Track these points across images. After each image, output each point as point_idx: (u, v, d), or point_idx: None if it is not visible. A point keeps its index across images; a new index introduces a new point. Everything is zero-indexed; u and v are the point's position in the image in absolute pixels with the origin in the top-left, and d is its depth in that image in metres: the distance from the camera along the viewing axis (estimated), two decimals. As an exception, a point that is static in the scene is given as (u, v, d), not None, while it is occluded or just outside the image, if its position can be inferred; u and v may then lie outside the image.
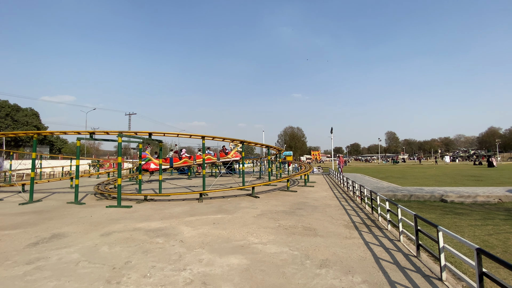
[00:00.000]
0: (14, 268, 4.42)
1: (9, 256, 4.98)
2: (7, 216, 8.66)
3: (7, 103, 44.35)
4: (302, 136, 76.55)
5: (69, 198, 12.19)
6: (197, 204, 10.51)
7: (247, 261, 4.61)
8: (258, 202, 10.72)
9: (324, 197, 12.13)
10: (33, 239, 6.06)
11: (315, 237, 5.97)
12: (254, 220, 7.64)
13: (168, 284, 3.82)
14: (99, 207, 10.17)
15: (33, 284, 3.85)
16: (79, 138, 11.54)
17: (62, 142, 53.88)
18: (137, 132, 12.38)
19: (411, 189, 15.44)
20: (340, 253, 5.01)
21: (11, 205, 10.81)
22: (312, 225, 7.07)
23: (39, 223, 7.62)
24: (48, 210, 9.65)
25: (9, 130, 40.97)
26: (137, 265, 4.50)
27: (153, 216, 8.45)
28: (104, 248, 5.40)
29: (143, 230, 6.71)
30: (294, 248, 5.27)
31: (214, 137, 13.65)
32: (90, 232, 6.57)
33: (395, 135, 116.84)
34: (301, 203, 10.42)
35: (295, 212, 8.76)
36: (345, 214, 8.41)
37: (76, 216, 8.48)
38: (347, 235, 6.17)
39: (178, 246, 5.48)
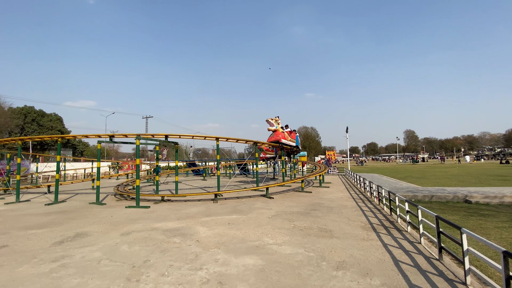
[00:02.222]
0: (41, 265, 4.67)
1: (36, 254, 5.27)
2: (34, 216, 9.16)
3: (33, 109, 46.97)
4: (316, 136, 75.47)
5: (91, 199, 12.71)
6: (212, 205, 10.63)
7: (262, 262, 4.62)
8: (273, 203, 10.69)
9: (340, 198, 11.92)
10: (58, 238, 6.37)
11: (331, 239, 5.88)
12: (268, 221, 7.63)
13: (185, 283, 3.90)
14: (119, 207, 10.53)
15: (58, 281, 4.04)
16: (99, 141, 12.02)
17: (84, 145, 56.27)
18: (154, 135, 12.73)
19: (432, 189, 14.84)
20: (357, 255, 4.90)
21: (38, 205, 11.42)
22: (328, 226, 6.96)
23: (63, 222, 8.01)
24: (72, 210, 10.11)
25: (35, 134, 43.36)
26: (155, 264, 4.63)
27: (170, 216, 8.65)
28: (124, 247, 5.59)
29: (161, 230, 6.88)
30: (309, 249, 5.22)
31: (228, 138, 13.77)
32: (111, 232, 6.82)
33: (414, 133, 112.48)
34: (316, 204, 10.29)
35: (310, 213, 8.66)
36: (362, 216, 8.21)
37: (97, 216, 8.83)
38: (364, 236, 6.03)
39: (195, 246, 5.57)
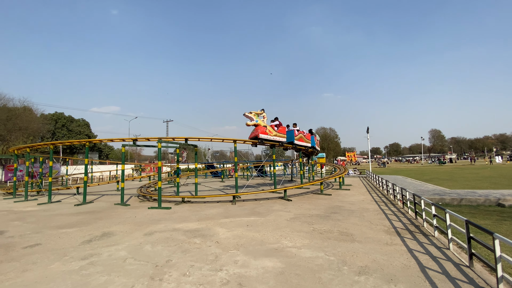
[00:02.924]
0: (71, 263, 4.94)
1: (67, 252, 5.59)
2: (65, 216, 9.72)
3: (63, 115, 50.08)
4: (335, 137, 73.90)
5: (116, 200, 13.29)
6: (230, 206, 10.73)
7: (281, 265, 4.59)
8: (291, 205, 10.60)
9: (361, 201, 11.57)
10: (87, 237, 6.72)
11: (353, 243, 5.72)
12: (287, 224, 7.58)
13: (206, 283, 3.96)
14: (142, 208, 10.93)
15: (87, 278, 4.26)
16: (123, 145, 12.56)
17: (109, 148, 59.00)
18: (174, 138, 13.10)
19: (461, 192, 14.01)
20: (380, 260, 4.74)
21: (68, 206, 12.11)
22: (349, 230, 6.79)
23: (91, 222, 8.43)
24: (99, 210, 10.62)
25: (65, 139, 46.15)
26: (177, 263, 4.75)
27: (190, 217, 8.84)
28: (147, 246, 5.78)
29: (182, 231, 7.05)
30: (330, 253, 5.11)
31: (245, 140, 13.86)
32: (135, 232, 7.09)
33: (440, 133, 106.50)
34: (336, 207, 10.07)
35: (330, 216, 8.49)
36: (385, 219, 7.92)
37: (122, 217, 9.21)
38: (387, 241, 5.81)
39: (214, 247, 5.65)
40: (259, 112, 13.89)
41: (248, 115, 13.45)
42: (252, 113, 13.64)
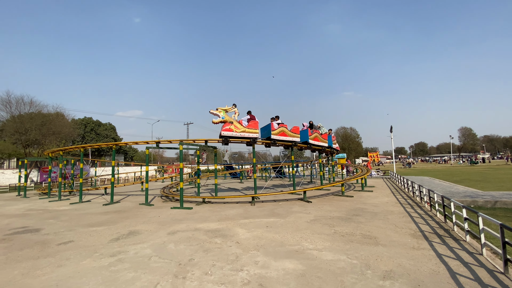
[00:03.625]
0: (101, 259, 5.23)
1: (97, 249, 5.92)
2: (95, 215, 10.29)
3: (91, 119, 53.13)
4: (357, 137, 71.78)
5: (140, 200, 13.86)
6: (249, 207, 10.79)
7: (302, 267, 4.55)
8: (311, 207, 10.46)
9: (385, 203, 11.16)
10: (115, 235, 7.07)
11: (376, 246, 5.54)
12: (307, 225, 7.49)
13: (227, 282, 4.03)
14: (165, 208, 11.30)
15: (116, 274, 4.49)
16: (147, 147, 13.07)
17: (134, 151, 61.63)
18: (195, 140, 13.43)
19: (495, 194, 13.06)
20: (406, 264, 4.55)
21: (97, 205, 12.81)
22: (372, 233, 6.57)
23: (118, 221, 8.86)
24: (125, 210, 11.13)
25: (93, 142, 48.90)
26: (199, 262, 4.86)
27: (211, 217, 9.01)
28: (170, 245, 5.98)
29: (203, 230, 7.21)
30: (352, 256, 4.99)
31: (263, 141, 13.88)
32: (159, 231, 7.35)
33: (471, 131, 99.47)
34: (358, 209, 9.79)
35: (352, 218, 8.27)
36: (411, 222, 7.58)
37: (147, 216, 9.58)
38: (414, 245, 5.56)
39: (235, 247, 5.72)
40: (227, 108, 12.85)
41: (213, 112, 12.54)
42: (219, 109, 12.67)
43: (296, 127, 14.07)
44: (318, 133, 15.28)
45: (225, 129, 12.67)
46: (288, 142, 13.90)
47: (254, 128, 13.02)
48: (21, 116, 29.93)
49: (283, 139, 13.61)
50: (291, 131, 13.79)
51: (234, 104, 12.98)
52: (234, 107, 12.95)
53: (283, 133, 13.54)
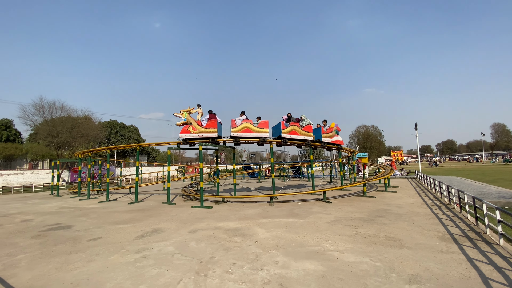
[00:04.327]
0: (128, 255, 5.47)
1: (124, 245, 6.19)
2: (121, 213, 10.78)
3: (116, 122, 55.77)
4: (379, 135, 69.28)
5: (163, 199, 14.32)
6: (268, 207, 10.79)
7: (323, 268, 4.48)
8: (331, 208, 10.26)
9: (410, 204, 10.70)
10: (139, 232, 7.37)
11: (401, 249, 5.32)
12: (327, 226, 7.35)
13: (248, 281, 4.06)
14: (186, 207, 11.59)
15: (141, 270, 4.68)
16: (169, 148, 13.48)
17: (156, 151, 63.81)
18: (213, 141, 13.63)
19: (535, 196, 12.05)
20: (434, 268, 4.33)
21: (123, 204, 13.41)
22: (397, 235, 6.33)
23: (142, 219, 9.22)
24: (149, 208, 11.55)
25: (118, 144, 51.25)
26: (220, 261, 4.94)
27: (230, 216, 9.12)
28: (192, 243, 6.13)
29: (223, 229, 7.31)
30: (375, 259, 4.83)
31: (281, 141, 13.81)
32: (181, 229, 7.56)
33: (505, 127, 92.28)
34: (381, 210, 9.46)
35: (375, 220, 8.01)
36: (439, 224, 7.20)
37: (169, 215, 9.89)
38: (442, 248, 5.28)
39: (254, 246, 5.75)
40: (190, 109, 12.88)
41: (176, 115, 12.65)
42: (181, 111, 12.76)
43: (264, 122, 12.91)
44: (297, 125, 13.20)
45: (183, 131, 12.81)
46: (255, 138, 12.92)
47: (213, 128, 12.66)
48: (53, 120, 32.04)
49: (247, 136, 12.78)
50: (258, 126, 12.79)
51: (198, 104, 13.13)
52: (198, 108, 13.07)
53: (247, 129, 12.71)
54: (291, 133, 13.02)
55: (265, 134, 12.75)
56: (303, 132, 13.21)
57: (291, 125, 13.08)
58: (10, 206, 13.82)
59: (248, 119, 12.74)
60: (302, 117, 13.55)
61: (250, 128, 12.71)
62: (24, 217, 10.47)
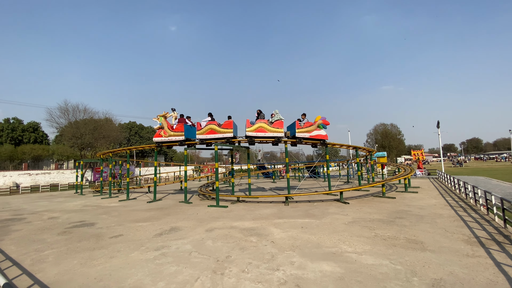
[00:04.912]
0: (147, 253, 5.63)
1: (143, 243, 6.39)
2: (140, 211, 11.12)
3: (135, 123, 57.73)
4: (398, 134, 66.96)
5: (180, 198, 14.64)
6: (283, 207, 10.73)
7: (340, 270, 4.40)
8: (348, 209, 10.04)
9: (432, 205, 10.26)
10: (158, 230, 7.57)
11: (423, 252, 5.12)
12: (345, 228, 7.20)
13: (264, 281, 4.06)
14: (202, 206, 11.78)
15: (161, 267, 4.80)
16: (186, 148, 13.74)
17: (173, 152, 65.32)
18: (228, 141, 13.74)
19: None
20: (459, 273, 4.13)
21: (142, 203, 13.83)
22: (418, 237, 6.09)
23: (161, 217, 9.46)
24: (167, 207, 11.84)
25: (137, 144, 52.96)
26: (236, 260, 4.98)
27: (245, 216, 9.16)
28: (208, 242, 6.22)
29: (239, 229, 7.36)
30: (396, 261, 4.68)
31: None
32: (197, 228, 7.69)
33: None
34: (401, 212, 9.15)
35: (395, 221, 7.75)
36: (464, 227, 6.86)
37: (186, 213, 10.09)
38: (468, 252, 5.03)
39: (270, 246, 5.74)
40: (165, 114, 13.72)
41: (154, 119, 13.51)
42: (158, 116, 13.61)
43: (229, 122, 12.92)
44: (266, 122, 12.53)
45: (156, 135, 13.72)
46: (219, 139, 12.98)
47: (180, 131, 13.27)
48: (77, 122, 33.65)
49: (211, 137, 12.95)
50: (222, 127, 12.87)
51: (172, 108, 13.96)
52: (172, 112, 13.88)
53: (211, 131, 12.95)
54: (258, 130, 12.50)
55: (229, 134, 12.78)
56: (272, 129, 12.43)
57: (257, 122, 12.53)
58: (38, 204, 14.65)
59: (212, 121, 13.01)
60: (274, 113, 12.91)
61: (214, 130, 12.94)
62: (51, 214, 11.06)
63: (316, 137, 12.59)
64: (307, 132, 12.55)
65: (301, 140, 12.71)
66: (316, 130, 12.59)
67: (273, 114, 12.67)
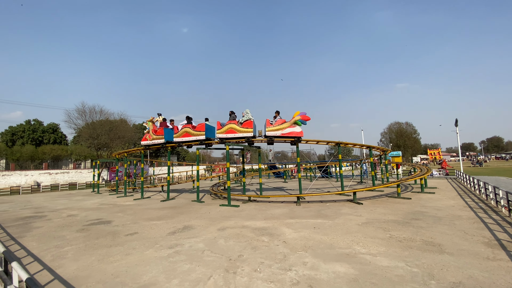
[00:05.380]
0: (161, 250, 5.75)
1: (157, 240, 6.52)
2: (154, 210, 11.36)
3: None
4: (414, 133, 65.01)
5: (192, 197, 14.84)
6: (295, 207, 10.67)
7: (354, 271, 4.33)
8: (362, 209, 9.86)
9: (450, 206, 9.92)
10: (171, 229, 7.71)
11: (441, 254, 4.96)
12: (358, 228, 7.08)
13: (276, 281, 4.06)
14: (214, 205, 11.89)
15: (174, 264, 4.89)
16: (198, 148, 13.92)
17: (185, 151, 66.30)
18: (238, 141, 13.80)
19: None
20: (479, 277, 3.97)
21: (156, 201, 14.12)
22: (436, 239, 5.90)
23: (174, 216, 9.63)
24: (180, 206, 12.04)
25: (151, 144, 54.19)
26: (248, 259, 5.00)
27: (257, 215, 9.17)
28: (221, 241, 6.27)
29: (250, 228, 7.38)
30: (412, 264, 4.56)
31: (307, 140, 13.57)
32: (210, 226, 7.77)
33: None
34: (418, 213, 8.89)
35: (411, 222, 7.55)
36: (485, 229, 6.59)
37: (198, 212, 10.22)
38: (489, 255, 4.83)
39: (282, 246, 5.73)
40: (152, 119, 15.19)
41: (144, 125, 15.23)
42: (146, 122, 15.16)
43: (201, 124, 13.64)
44: (235, 123, 12.60)
45: (144, 139, 15.39)
46: (193, 141, 13.85)
47: (161, 135, 14.58)
48: (93, 123, 34.72)
49: (186, 140, 13.86)
50: (195, 130, 13.65)
51: (158, 113, 15.31)
52: (158, 116, 15.21)
53: (186, 133, 13.86)
54: (228, 132, 12.67)
55: (201, 136, 13.51)
56: (242, 129, 12.49)
57: (228, 123, 12.68)
58: (58, 202, 15.25)
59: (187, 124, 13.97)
60: (244, 112, 12.91)
61: (189, 133, 13.83)
62: (70, 212, 11.49)
63: (289, 134, 12.24)
64: (279, 130, 12.33)
65: (272, 138, 12.59)
66: (290, 127, 12.23)
67: (244, 114, 12.78)
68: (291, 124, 12.20)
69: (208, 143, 13.86)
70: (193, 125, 13.89)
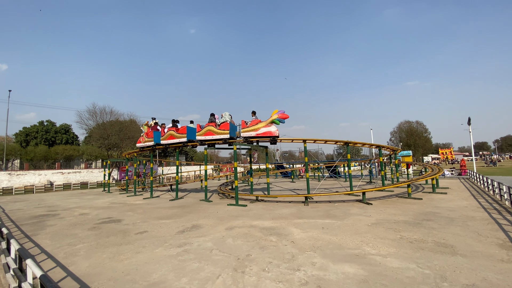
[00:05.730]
0: (170, 249, 5.82)
1: (167, 239, 6.60)
2: (163, 209, 11.50)
3: (158, 124, 59.79)
4: (425, 132, 63.61)
5: (201, 196, 14.95)
6: (303, 207, 10.61)
7: (364, 272, 4.27)
8: (371, 210, 9.72)
9: (463, 207, 9.67)
10: (180, 227, 7.79)
11: (454, 256, 4.84)
12: (368, 229, 6.99)
13: (284, 281, 4.05)
14: (222, 204, 11.95)
15: (183, 263, 4.94)
16: (206, 148, 14.01)
17: (193, 151, 66.87)
18: (246, 141, 13.81)
19: None
20: (493, 279, 3.86)
21: (165, 200, 14.29)
22: (448, 241, 5.77)
23: (183, 215, 9.73)
24: (188, 205, 12.15)
25: (160, 144, 54.90)
26: (256, 259, 5.00)
27: (264, 215, 9.17)
28: (229, 240, 6.30)
29: (258, 228, 7.39)
30: (424, 265, 4.46)
31: (315, 140, 13.48)
32: (218, 226, 7.82)
33: None
34: (429, 213, 8.71)
35: (422, 223, 7.40)
36: (499, 230, 6.40)
37: (207, 211, 10.29)
38: (503, 257, 4.68)
39: (290, 246, 5.71)
40: (146, 123, 16.79)
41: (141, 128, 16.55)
42: (143, 125, 16.71)
43: (183, 127, 14.47)
44: (213, 125, 13.22)
45: (138, 142, 16.90)
46: (177, 143, 14.78)
47: (151, 137, 15.80)
48: (104, 124, 35.44)
49: (171, 142, 14.89)
50: (178, 132, 14.51)
51: (152, 118, 16.75)
52: (152, 121, 16.52)
53: (171, 136, 14.83)
54: (207, 134, 13.43)
55: (183, 139, 14.29)
56: (219, 131, 13.09)
57: (206, 126, 13.51)
58: (70, 201, 15.63)
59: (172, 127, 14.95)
60: (222, 114, 13.36)
61: (173, 135, 14.75)
62: (82, 211, 11.76)
63: (263, 134, 12.27)
64: (253, 130, 12.46)
65: (247, 139, 12.78)
66: (265, 127, 12.18)
67: (222, 116, 13.38)
68: (267, 124, 12.20)
69: (193, 145, 14.69)
70: (177, 128, 14.80)
